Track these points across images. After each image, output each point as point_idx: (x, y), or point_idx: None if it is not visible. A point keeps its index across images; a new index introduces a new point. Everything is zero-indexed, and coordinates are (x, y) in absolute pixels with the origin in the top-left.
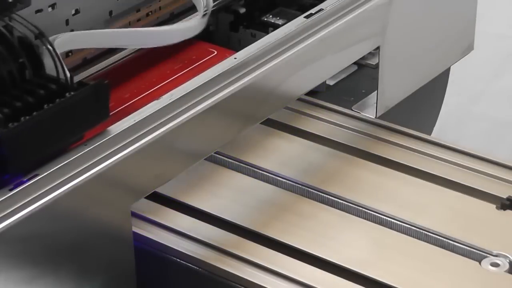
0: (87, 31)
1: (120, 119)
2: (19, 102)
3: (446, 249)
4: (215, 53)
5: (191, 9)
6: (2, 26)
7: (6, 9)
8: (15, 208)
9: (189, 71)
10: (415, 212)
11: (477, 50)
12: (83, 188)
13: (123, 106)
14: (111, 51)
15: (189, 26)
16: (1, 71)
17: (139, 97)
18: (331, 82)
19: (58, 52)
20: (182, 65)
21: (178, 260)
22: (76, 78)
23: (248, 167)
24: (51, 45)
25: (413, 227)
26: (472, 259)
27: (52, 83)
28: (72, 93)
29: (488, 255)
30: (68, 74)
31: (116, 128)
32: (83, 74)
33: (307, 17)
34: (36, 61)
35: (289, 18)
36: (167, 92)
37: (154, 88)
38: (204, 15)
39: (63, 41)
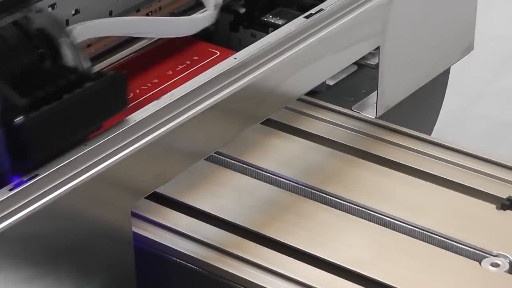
0: (104, 19)
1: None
2: (39, 91)
3: (446, 249)
4: (218, 53)
5: (191, 9)
6: (21, 18)
7: (24, 0)
8: (15, 208)
9: (192, 72)
10: (415, 212)
11: (477, 50)
12: (83, 188)
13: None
14: (110, 52)
15: (203, 16)
16: (21, 61)
17: (142, 98)
18: (331, 82)
19: (77, 41)
20: (185, 66)
21: (178, 260)
22: None
23: (248, 167)
24: (69, 35)
25: (413, 227)
26: (472, 259)
27: (71, 73)
28: (90, 83)
29: (488, 255)
30: (86, 64)
31: (116, 128)
32: None
33: (307, 17)
34: (55, 52)
35: (289, 18)
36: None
37: (157, 89)
38: (215, 6)
39: (81, 31)
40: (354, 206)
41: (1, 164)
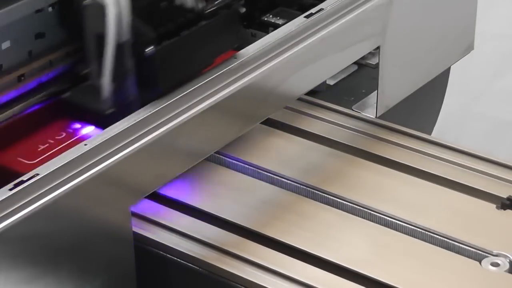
0: None
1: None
2: (161, 27)
3: (446, 249)
4: None
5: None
6: None
7: None
8: (15, 208)
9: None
10: (415, 212)
11: (477, 50)
12: (83, 188)
13: None
14: None
15: None
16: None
17: None
18: (331, 82)
19: None
20: None
21: (178, 260)
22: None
23: (248, 167)
24: None
25: (413, 227)
26: (472, 259)
27: (188, 12)
28: (205, 21)
29: (488, 255)
30: (201, 5)
31: (116, 128)
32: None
33: (307, 17)
34: None
35: (289, 18)
36: None
37: None
38: None
39: None
40: (355, 206)
41: (127, 93)
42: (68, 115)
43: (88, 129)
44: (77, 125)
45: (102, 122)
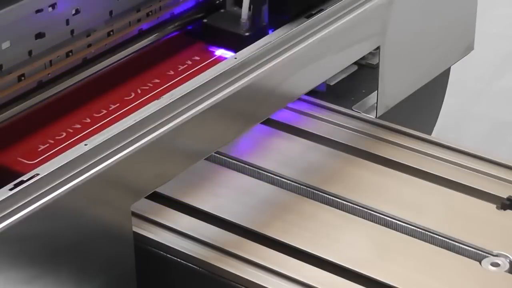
0: None
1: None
2: None
3: (446, 249)
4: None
5: (191, 9)
6: None
7: None
8: (15, 208)
9: (193, 72)
10: (415, 212)
11: (477, 50)
12: (83, 188)
13: (128, 107)
14: (110, 52)
15: None
16: None
17: (143, 98)
18: (331, 82)
19: None
20: (186, 66)
21: (178, 260)
22: (77, 78)
23: (248, 167)
24: None
25: (413, 227)
26: (472, 259)
27: None
28: None
29: (488, 255)
30: None
31: (116, 128)
32: (83, 74)
33: (307, 17)
34: None
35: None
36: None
37: (158, 89)
38: None
39: None
40: (355, 206)
41: (260, 19)
42: (205, 39)
43: (222, 51)
44: (213, 48)
45: (237, 45)
